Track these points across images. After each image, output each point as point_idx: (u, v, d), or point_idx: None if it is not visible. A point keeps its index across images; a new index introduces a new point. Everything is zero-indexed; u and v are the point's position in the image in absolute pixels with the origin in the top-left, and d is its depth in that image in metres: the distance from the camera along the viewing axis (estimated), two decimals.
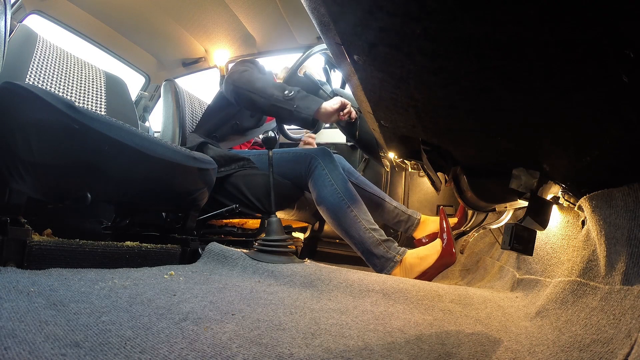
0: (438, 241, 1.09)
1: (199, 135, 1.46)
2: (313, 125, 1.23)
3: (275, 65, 1.89)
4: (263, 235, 1.02)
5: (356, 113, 1.28)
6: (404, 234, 1.43)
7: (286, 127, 1.76)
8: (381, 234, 1.13)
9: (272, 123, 1.67)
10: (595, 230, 0.53)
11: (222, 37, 2.08)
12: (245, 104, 1.35)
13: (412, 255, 1.09)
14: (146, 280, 0.69)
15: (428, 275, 1.06)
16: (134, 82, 2.33)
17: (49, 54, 1.29)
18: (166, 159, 0.86)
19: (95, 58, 1.75)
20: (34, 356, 0.33)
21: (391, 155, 1.23)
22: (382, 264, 1.09)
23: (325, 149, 1.31)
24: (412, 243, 1.35)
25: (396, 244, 1.13)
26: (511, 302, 0.70)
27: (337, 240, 1.89)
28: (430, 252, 1.07)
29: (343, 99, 1.22)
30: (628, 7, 0.27)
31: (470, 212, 1.38)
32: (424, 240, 1.31)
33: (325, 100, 1.26)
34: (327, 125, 2.00)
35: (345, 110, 1.22)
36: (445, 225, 1.10)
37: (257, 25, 1.96)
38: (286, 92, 1.22)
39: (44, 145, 0.69)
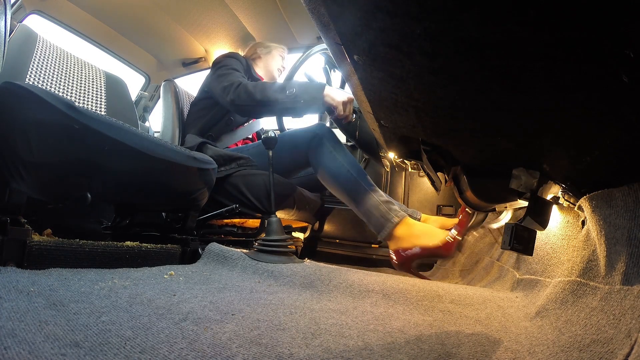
0: (446, 232, 1.08)
1: (194, 134, 1.47)
2: (322, 109, 1.25)
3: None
4: (263, 235, 1.02)
5: (356, 113, 1.28)
6: None
7: (285, 125, 1.76)
8: (381, 195, 1.15)
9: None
10: (595, 230, 0.53)
11: (222, 37, 2.08)
12: (250, 116, 1.37)
13: (420, 227, 1.09)
14: (146, 280, 0.69)
15: (419, 255, 1.07)
16: (134, 82, 2.33)
17: (49, 54, 1.29)
18: (166, 159, 0.86)
19: (95, 58, 1.76)
20: (34, 356, 0.33)
21: (391, 155, 1.23)
22: (380, 224, 1.11)
23: (324, 126, 1.32)
24: None
25: (397, 206, 1.14)
26: (511, 302, 0.70)
27: (337, 240, 1.89)
28: (439, 235, 1.07)
29: (347, 96, 1.22)
30: (628, 7, 0.27)
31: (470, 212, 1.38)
32: None
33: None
34: (327, 125, 2.00)
35: (345, 111, 1.22)
36: (460, 222, 1.10)
37: (257, 25, 1.96)
38: (287, 91, 1.22)
39: (44, 145, 0.69)
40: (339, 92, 1.22)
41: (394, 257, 1.13)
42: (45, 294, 0.51)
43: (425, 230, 1.09)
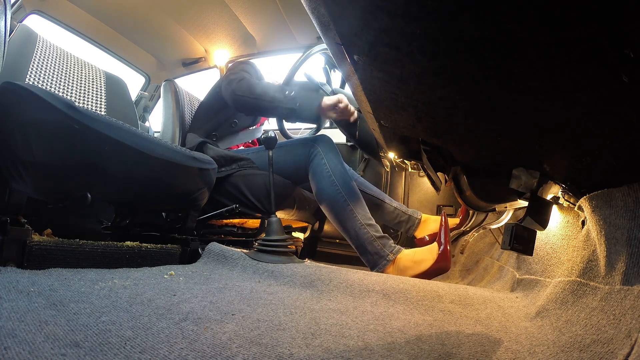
0: (435, 245, 1.07)
1: (198, 135, 1.47)
2: (317, 120, 1.25)
3: (275, 66, 1.89)
4: (263, 235, 1.02)
5: (356, 113, 1.28)
6: (405, 234, 1.43)
7: (286, 126, 1.77)
8: (377, 230, 1.13)
9: (266, 123, 1.69)
10: (595, 230, 0.53)
11: (222, 37, 2.08)
12: (247, 110, 1.38)
13: (406, 257, 1.07)
14: (146, 280, 0.69)
15: (422, 278, 1.06)
16: (134, 82, 2.33)
17: (49, 54, 1.29)
18: (166, 159, 0.86)
19: (95, 58, 1.76)
20: (34, 356, 0.33)
21: (391, 155, 1.23)
22: (374, 261, 1.09)
23: (327, 137, 1.31)
24: (414, 243, 1.34)
25: (392, 241, 1.12)
26: (511, 302, 0.70)
27: (337, 240, 1.89)
28: (426, 256, 1.05)
29: (342, 96, 1.22)
30: (628, 7, 0.27)
31: (471, 212, 1.38)
32: (426, 239, 1.31)
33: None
34: (327, 125, 2.00)
35: (342, 105, 1.23)
36: (444, 230, 1.07)
37: (257, 25, 1.96)
38: (287, 92, 1.23)
39: (44, 145, 0.69)
40: (331, 98, 1.23)
41: None
42: (45, 294, 0.51)
43: (422, 253, 1.07)
